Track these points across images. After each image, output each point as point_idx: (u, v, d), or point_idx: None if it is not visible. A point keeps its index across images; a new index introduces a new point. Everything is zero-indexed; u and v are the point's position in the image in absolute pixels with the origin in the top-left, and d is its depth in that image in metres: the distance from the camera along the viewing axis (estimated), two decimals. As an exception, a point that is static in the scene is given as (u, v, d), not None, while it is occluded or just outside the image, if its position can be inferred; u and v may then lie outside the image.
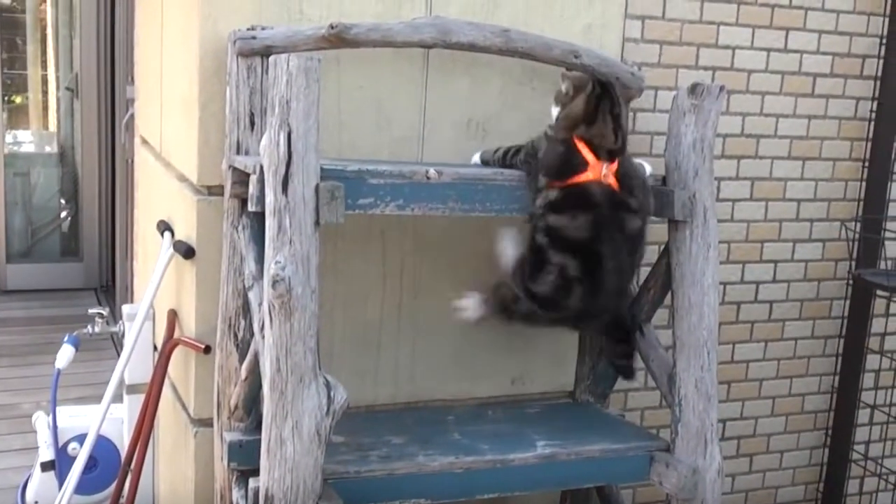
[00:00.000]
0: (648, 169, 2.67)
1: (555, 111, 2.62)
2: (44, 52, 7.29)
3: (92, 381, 4.55)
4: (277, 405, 2.18)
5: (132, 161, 4.26)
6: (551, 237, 2.54)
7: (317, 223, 2.21)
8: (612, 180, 2.52)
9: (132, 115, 4.21)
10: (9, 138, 6.83)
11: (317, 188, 2.21)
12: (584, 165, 2.51)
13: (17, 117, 7.39)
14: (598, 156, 2.52)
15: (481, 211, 2.49)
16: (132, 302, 4.19)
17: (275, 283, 2.15)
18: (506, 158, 2.65)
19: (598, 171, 2.51)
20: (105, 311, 3.46)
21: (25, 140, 7.30)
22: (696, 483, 2.60)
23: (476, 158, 2.75)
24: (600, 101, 2.56)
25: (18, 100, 7.43)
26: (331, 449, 2.38)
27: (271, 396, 2.19)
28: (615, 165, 2.53)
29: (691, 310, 2.63)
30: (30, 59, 7.32)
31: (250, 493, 2.33)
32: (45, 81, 7.35)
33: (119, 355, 5.00)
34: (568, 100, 2.58)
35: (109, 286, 6.09)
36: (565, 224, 2.53)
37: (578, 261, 2.51)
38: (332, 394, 2.23)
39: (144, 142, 3.59)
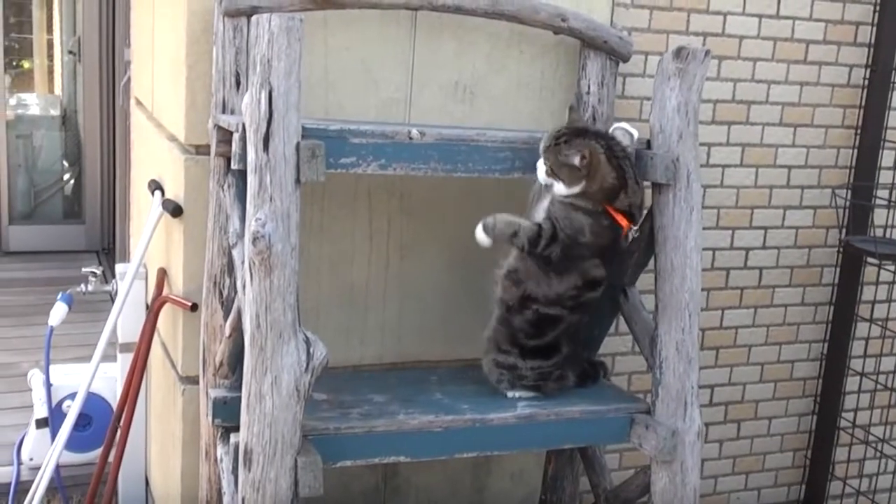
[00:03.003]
0: (636, 134, 2.68)
1: (571, 189, 2.50)
2: (50, 17, 7.30)
3: (90, 342, 4.55)
4: (257, 361, 2.21)
5: (131, 124, 4.27)
6: (581, 308, 2.64)
7: (297, 181, 2.23)
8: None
9: (129, 78, 4.22)
10: (13, 101, 6.85)
11: (297, 146, 2.22)
12: (620, 232, 2.56)
13: (23, 81, 7.41)
14: (632, 219, 2.56)
15: (464, 171, 2.50)
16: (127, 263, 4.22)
17: (255, 239, 2.17)
18: (536, 249, 2.50)
19: (629, 228, 2.57)
20: (98, 270, 3.49)
21: (30, 103, 7.32)
22: (675, 445, 2.62)
23: (480, 235, 2.52)
24: (614, 156, 2.51)
25: (26, 64, 7.44)
26: (312, 406, 2.41)
27: (251, 352, 2.22)
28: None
29: (674, 272, 2.64)
30: (36, 23, 7.33)
31: (230, 448, 2.36)
32: (50, 45, 7.37)
33: (116, 315, 5.05)
34: (587, 172, 2.47)
35: (110, 248, 6.13)
36: (598, 295, 2.65)
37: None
38: (311, 350, 2.25)
39: (139, 103, 3.60)
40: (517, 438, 2.59)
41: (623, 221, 2.54)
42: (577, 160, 2.46)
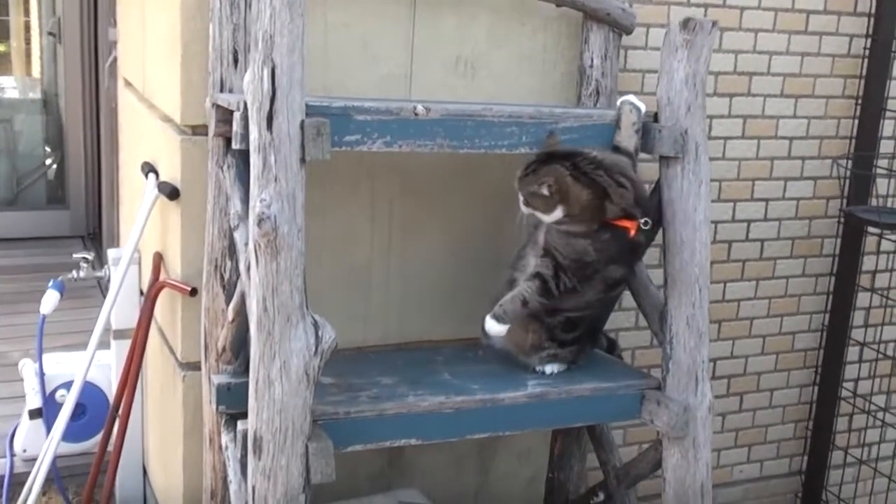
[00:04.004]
0: (643, 108, 2.63)
1: (552, 216, 2.48)
2: (27, -1, 7.20)
3: (80, 329, 4.52)
4: (265, 345, 2.16)
5: (117, 106, 4.19)
6: (606, 304, 2.73)
7: (302, 160, 2.17)
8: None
9: (115, 59, 4.14)
10: (-8, 85, 6.76)
11: (302, 124, 2.17)
12: (628, 232, 2.50)
13: (0, 64, 7.30)
14: (633, 216, 2.49)
15: (470, 148, 2.45)
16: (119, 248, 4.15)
17: (260, 221, 2.11)
18: (552, 295, 2.52)
19: (638, 224, 2.50)
20: (90, 256, 3.41)
21: (9, 86, 7.21)
22: (686, 420, 2.59)
23: (496, 328, 2.54)
24: (583, 173, 2.46)
25: (2, 47, 7.32)
26: (320, 390, 2.36)
27: (258, 337, 2.16)
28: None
29: (683, 247, 2.60)
30: (12, 4, 7.21)
31: (239, 436, 2.31)
32: (27, 27, 7.24)
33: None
34: (559, 197, 2.45)
35: (96, 233, 6.04)
36: (622, 290, 2.72)
37: None
38: (319, 333, 2.20)
39: (128, 84, 3.53)
40: (529, 418, 2.56)
41: (625, 223, 2.49)
42: (544, 190, 2.45)
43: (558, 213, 2.47)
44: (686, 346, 2.60)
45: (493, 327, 2.55)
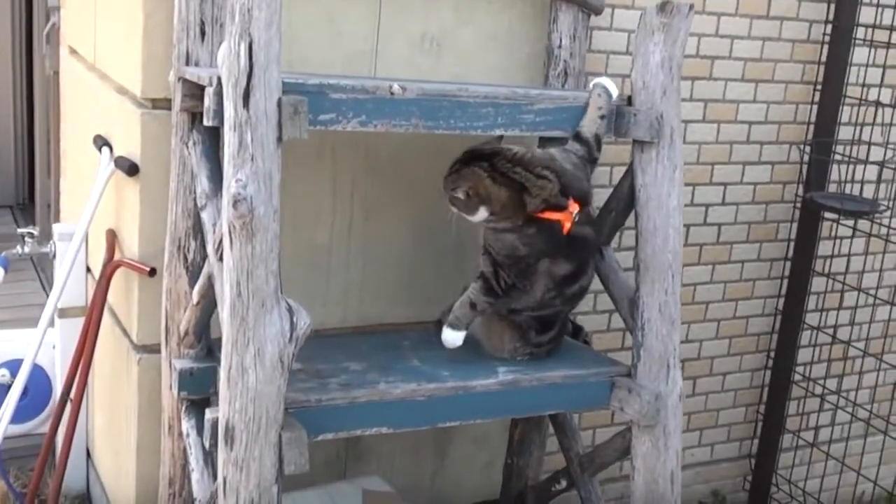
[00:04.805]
0: (615, 92, 2.58)
1: (477, 217, 2.45)
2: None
3: (13, 304, 4.39)
4: (238, 332, 2.07)
5: (55, 73, 4.04)
6: (575, 299, 2.65)
7: (279, 139, 2.09)
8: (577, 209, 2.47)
9: (54, 25, 3.98)
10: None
11: (279, 102, 2.08)
12: (561, 227, 2.44)
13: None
14: (561, 207, 2.44)
15: (445, 128, 2.38)
16: (58, 221, 4.01)
17: (236, 202, 2.03)
18: (498, 293, 2.51)
19: (571, 216, 2.45)
20: (36, 231, 3.28)
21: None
22: (658, 409, 2.57)
23: (451, 336, 2.54)
24: (500, 172, 2.42)
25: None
26: (288, 377, 2.28)
27: (231, 322, 2.08)
28: (574, 200, 2.46)
29: (656, 232, 2.57)
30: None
31: (207, 424, 2.21)
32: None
33: (40, 277, 4.82)
34: (479, 198, 2.42)
35: (27, 204, 5.85)
36: (586, 283, 2.63)
37: None
38: (294, 319, 2.12)
39: (73, 52, 3.39)
40: (501, 405, 2.51)
41: (555, 216, 2.44)
42: (459, 194, 2.43)
43: (483, 213, 2.44)
44: (658, 333, 2.57)
45: (449, 336, 2.54)
